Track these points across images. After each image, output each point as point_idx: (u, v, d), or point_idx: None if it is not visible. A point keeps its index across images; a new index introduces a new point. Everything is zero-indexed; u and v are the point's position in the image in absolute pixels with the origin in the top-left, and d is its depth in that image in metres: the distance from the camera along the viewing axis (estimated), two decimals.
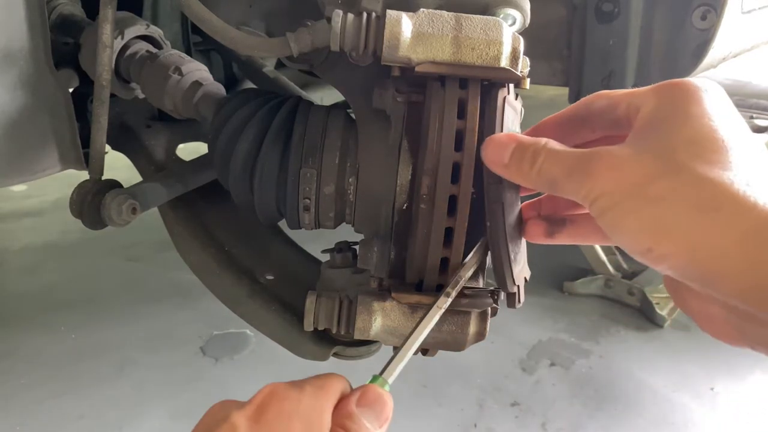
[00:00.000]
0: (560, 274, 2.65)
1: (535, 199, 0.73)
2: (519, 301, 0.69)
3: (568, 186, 0.55)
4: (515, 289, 0.69)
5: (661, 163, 0.49)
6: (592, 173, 0.53)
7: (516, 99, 0.76)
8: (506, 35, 0.70)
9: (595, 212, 0.53)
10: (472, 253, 0.71)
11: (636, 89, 0.58)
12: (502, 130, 0.67)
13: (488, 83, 0.70)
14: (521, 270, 0.70)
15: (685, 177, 0.48)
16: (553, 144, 0.58)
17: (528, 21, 0.77)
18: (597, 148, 0.55)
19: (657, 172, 0.49)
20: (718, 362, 2.20)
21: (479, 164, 0.69)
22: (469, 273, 0.71)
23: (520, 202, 0.69)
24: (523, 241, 0.70)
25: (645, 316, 2.45)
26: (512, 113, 0.70)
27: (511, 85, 0.72)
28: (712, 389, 2.08)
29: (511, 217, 0.66)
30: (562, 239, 0.67)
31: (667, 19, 1.28)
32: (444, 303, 0.68)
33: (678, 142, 0.50)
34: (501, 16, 0.75)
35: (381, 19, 0.71)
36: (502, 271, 0.66)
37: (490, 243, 0.66)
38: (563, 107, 0.72)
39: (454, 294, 0.69)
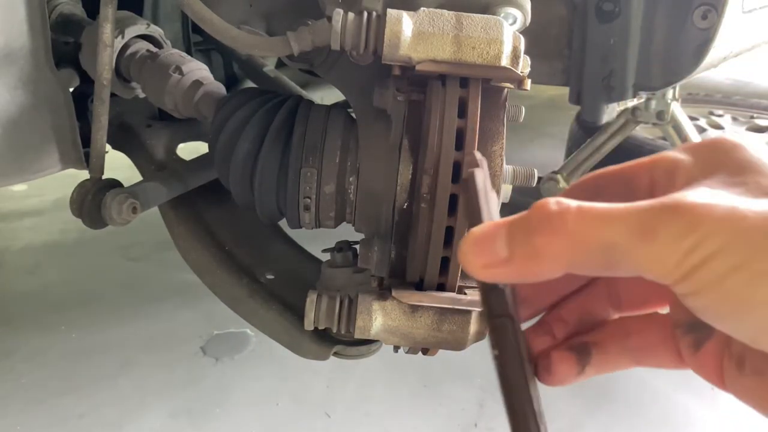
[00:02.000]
0: None
1: (540, 318, 0.48)
2: None
3: (645, 250, 0.34)
4: None
5: None
6: (694, 217, 0.34)
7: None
8: (507, 34, 0.70)
9: (702, 282, 0.33)
10: None
11: (656, 156, 0.43)
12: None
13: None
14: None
15: None
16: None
17: (528, 20, 0.77)
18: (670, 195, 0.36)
19: None
20: None
21: None
22: None
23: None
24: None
25: None
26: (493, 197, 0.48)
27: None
28: (712, 389, 2.08)
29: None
30: (589, 374, 0.45)
31: (667, 19, 1.28)
32: None
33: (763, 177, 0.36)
34: (502, 15, 0.75)
35: (381, 18, 0.71)
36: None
37: (508, 410, 0.39)
38: (563, 107, 0.69)
39: None
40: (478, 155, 0.48)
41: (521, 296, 0.44)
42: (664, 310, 0.44)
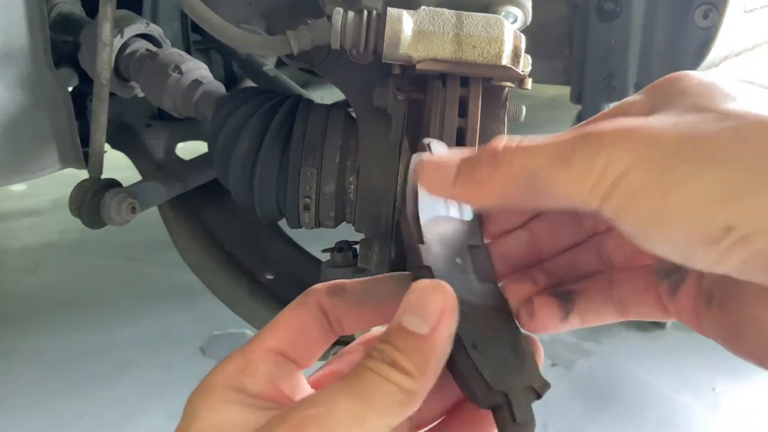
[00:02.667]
0: None
1: (524, 270, 0.47)
2: (514, 420, 0.37)
3: (563, 175, 0.34)
4: (497, 400, 0.38)
5: (711, 116, 0.33)
6: (604, 141, 0.34)
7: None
8: (508, 33, 0.70)
9: (620, 201, 0.33)
10: None
11: (617, 103, 0.42)
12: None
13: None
14: (506, 369, 0.39)
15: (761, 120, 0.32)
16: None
17: (529, 18, 0.77)
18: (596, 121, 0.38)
19: (709, 122, 0.33)
20: (720, 363, 2.19)
21: None
22: None
23: (487, 257, 0.46)
24: (514, 325, 0.43)
25: None
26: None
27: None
28: (714, 390, 2.08)
29: (470, 286, 0.43)
30: (574, 323, 0.44)
31: (668, 18, 1.28)
32: None
33: (712, 95, 0.35)
34: (502, 13, 0.75)
35: (382, 16, 0.71)
36: (464, 378, 0.39)
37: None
38: (564, 107, 0.68)
39: None
40: (426, 141, 0.47)
41: (509, 256, 0.47)
42: None
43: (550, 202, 0.37)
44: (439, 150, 0.46)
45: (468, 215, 0.46)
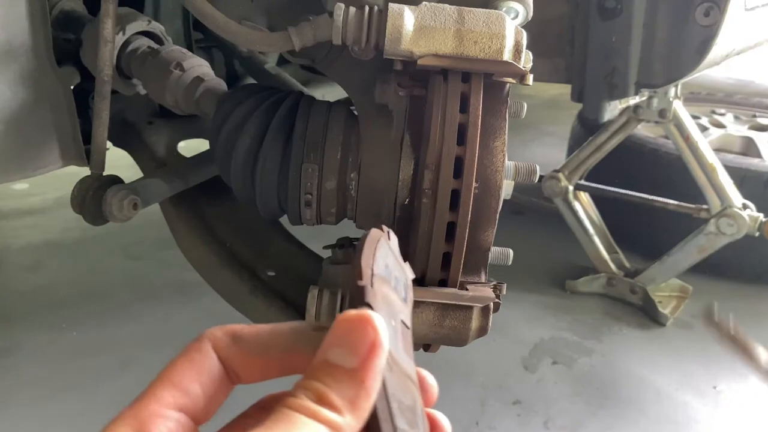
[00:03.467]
0: (562, 272, 2.64)
1: None
2: None
3: None
4: None
5: None
6: None
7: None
8: (509, 28, 0.70)
9: None
10: None
11: None
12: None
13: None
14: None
15: None
16: None
17: (531, 14, 0.77)
18: None
19: None
20: (720, 361, 2.19)
21: (481, 158, 0.69)
22: None
23: (411, 341, 0.46)
24: (420, 401, 0.43)
25: (647, 315, 2.44)
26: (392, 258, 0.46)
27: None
28: (714, 388, 2.08)
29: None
30: None
31: (670, 16, 1.28)
32: None
33: None
34: (504, 9, 0.75)
35: (383, 12, 0.71)
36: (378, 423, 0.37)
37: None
38: (565, 106, 0.68)
39: None
40: (385, 228, 0.47)
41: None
42: None
43: None
44: (394, 240, 0.47)
45: (407, 299, 0.46)
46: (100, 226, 1.09)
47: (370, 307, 0.38)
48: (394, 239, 0.47)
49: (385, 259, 0.44)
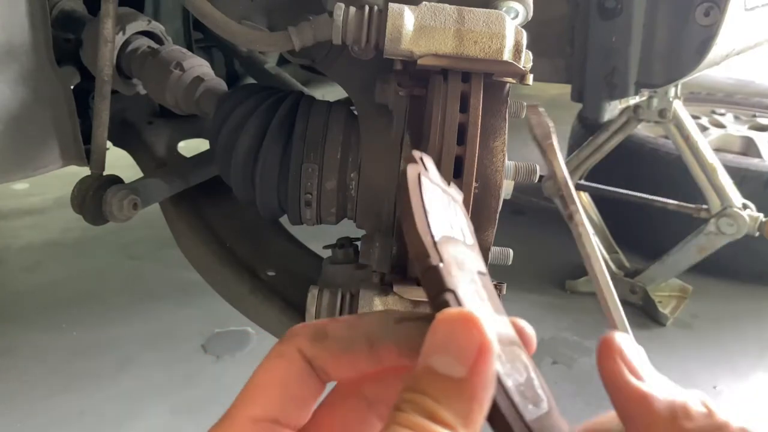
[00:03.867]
0: (562, 272, 2.64)
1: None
2: None
3: None
4: None
5: None
6: None
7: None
8: (509, 28, 0.70)
9: None
10: None
11: None
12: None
13: None
14: (540, 413, 0.38)
15: None
16: None
17: (531, 14, 0.77)
18: None
19: None
20: (720, 361, 2.19)
21: (481, 158, 0.69)
22: None
23: (493, 287, 0.42)
24: (532, 363, 0.39)
25: (647, 315, 2.44)
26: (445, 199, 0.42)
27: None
28: (714, 388, 2.08)
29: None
30: None
31: (670, 16, 1.28)
32: None
33: None
34: (504, 9, 0.75)
35: (383, 12, 0.71)
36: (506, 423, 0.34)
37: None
38: (565, 106, 0.68)
39: None
40: (416, 154, 0.41)
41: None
42: None
43: None
44: (430, 165, 0.41)
45: (468, 237, 0.41)
46: (100, 226, 1.09)
47: (454, 295, 0.34)
48: (429, 162, 0.41)
49: (436, 206, 0.37)
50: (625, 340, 0.39)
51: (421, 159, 0.40)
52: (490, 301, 0.38)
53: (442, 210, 0.39)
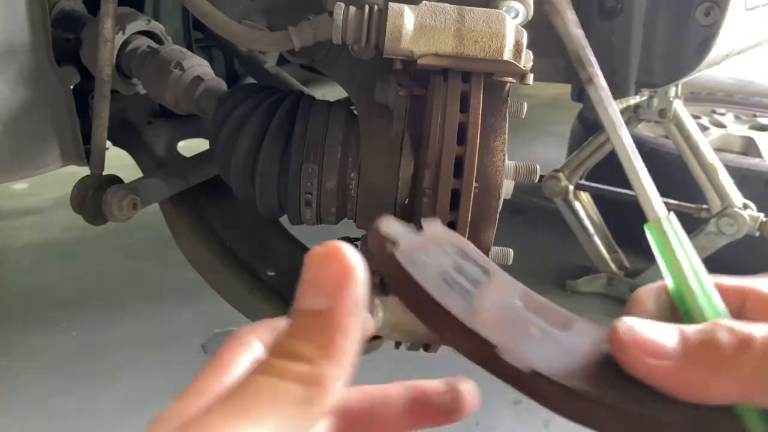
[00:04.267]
0: (562, 272, 2.64)
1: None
2: None
3: None
4: None
5: None
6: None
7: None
8: (509, 28, 0.70)
9: None
10: None
11: None
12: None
13: None
14: None
15: None
16: None
17: (531, 13, 0.77)
18: None
19: None
20: None
21: (481, 158, 0.69)
22: None
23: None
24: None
25: None
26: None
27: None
28: None
29: None
30: None
31: (670, 15, 1.27)
32: None
33: None
34: (504, 8, 0.75)
35: (383, 11, 0.71)
36: None
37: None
38: (566, 106, 0.67)
39: None
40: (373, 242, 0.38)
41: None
42: None
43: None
44: (392, 228, 0.38)
45: (479, 259, 0.42)
46: (100, 226, 1.09)
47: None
48: (387, 227, 0.38)
49: (432, 275, 0.37)
50: (624, 324, 0.37)
51: (378, 232, 0.37)
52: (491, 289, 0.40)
53: (437, 271, 0.38)
